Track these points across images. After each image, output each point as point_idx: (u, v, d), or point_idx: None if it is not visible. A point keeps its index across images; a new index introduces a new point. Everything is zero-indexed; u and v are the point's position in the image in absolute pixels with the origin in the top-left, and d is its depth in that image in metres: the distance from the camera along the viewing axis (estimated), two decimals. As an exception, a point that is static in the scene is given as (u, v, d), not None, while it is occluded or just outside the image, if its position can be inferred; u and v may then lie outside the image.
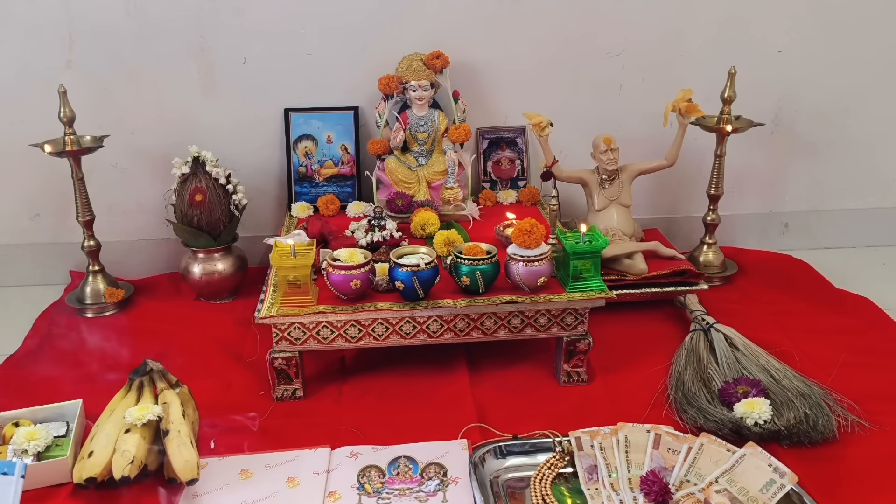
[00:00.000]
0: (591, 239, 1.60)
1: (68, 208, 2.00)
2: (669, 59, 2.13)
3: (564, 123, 1.99)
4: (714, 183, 2.07)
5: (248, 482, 1.37)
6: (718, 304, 1.92)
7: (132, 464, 1.32)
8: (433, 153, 2.06)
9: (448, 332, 1.60)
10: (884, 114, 2.23)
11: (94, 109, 2.02)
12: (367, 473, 1.39)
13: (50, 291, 2.10)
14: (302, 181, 2.11)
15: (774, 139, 2.23)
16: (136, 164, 2.11)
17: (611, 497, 1.31)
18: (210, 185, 1.94)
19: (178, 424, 1.38)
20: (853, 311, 1.92)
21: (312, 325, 1.56)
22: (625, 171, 1.97)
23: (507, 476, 1.38)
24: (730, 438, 1.40)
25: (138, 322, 1.94)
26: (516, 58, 2.10)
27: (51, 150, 1.87)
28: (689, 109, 1.89)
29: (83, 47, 2.01)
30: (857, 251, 2.32)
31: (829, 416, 1.47)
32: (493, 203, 2.09)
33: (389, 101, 2.03)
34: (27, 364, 1.76)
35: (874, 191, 2.32)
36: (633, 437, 1.39)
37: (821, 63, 2.17)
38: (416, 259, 1.55)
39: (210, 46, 2.04)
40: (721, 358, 1.64)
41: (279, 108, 2.09)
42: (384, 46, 2.04)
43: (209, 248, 1.98)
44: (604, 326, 1.80)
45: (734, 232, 2.29)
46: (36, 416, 1.46)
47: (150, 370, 1.50)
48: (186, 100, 2.07)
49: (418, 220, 1.86)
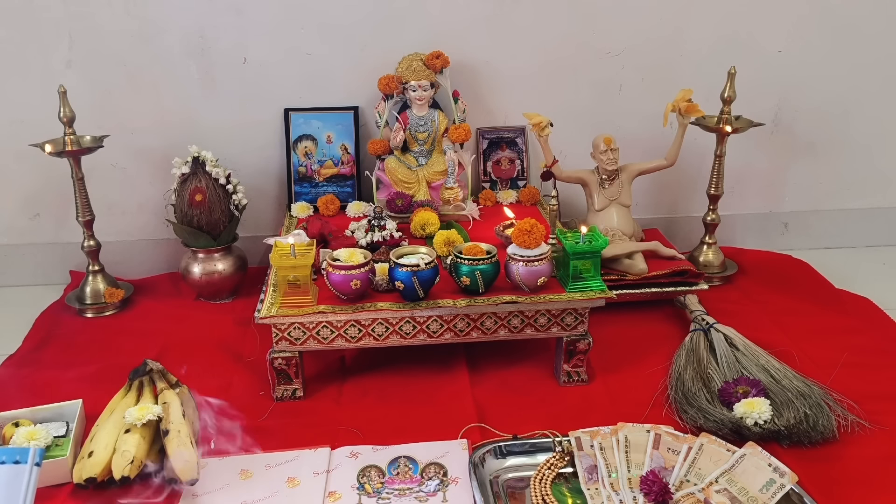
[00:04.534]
0: (591, 239, 1.60)
1: (68, 208, 2.00)
2: (669, 59, 2.13)
3: (564, 123, 1.99)
4: (714, 183, 2.07)
5: (248, 482, 1.37)
6: (718, 304, 1.92)
7: (132, 464, 1.32)
8: (433, 153, 2.06)
9: (448, 332, 1.60)
10: (883, 114, 2.23)
11: (94, 109, 2.02)
12: (367, 473, 1.39)
13: (50, 291, 2.10)
14: (302, 181, 2.11)
15: (774, 139, 2.23)
16: (136, 164, 2.11)
17: (611, 497, 1.31)
18: (210, 185, 1.94)
19: (178, 424, 1.38)
20: (853, 311, 1.92)
21: (312, 325, 1.56)
22: (625, 171, 1.97)
23: (507, 476, 1.38)
24: (730, 438, 1.40)
25: (138, 322, 1.94)
26: (516, 58, 2.10)
27: (51, 150, 1.87)
28: (689, 109, 1.89)
29: (83, 47, 2.01)
30: (857, 251, 2.32)
31: (829, 416, 1.47)
32: (493, 203, 2.09)
33: (389, 101, 2.03)
34: (27, 364, 1.76)
35: (874, 191, 2.32)
36: (633, 437, 1.39)
37: (821, 63, 2.17)
38: (416, 259, 1.55)
39: (210, 46, 2.04)
40: (721, 358, 1.64)
41: (279, 108, 2.09)
42: (384, 46, 2.04)
43: (209, 248, 1.98)
44: (604, 326, 1.80)
45: (734, 232, 2.29)
46: (36, 416, 1.46)
47: (150, 370, 1.51)
48: (186, 100, 2.07)
49: (418, 220, 1.86)
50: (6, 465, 1.15)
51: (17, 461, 1.15)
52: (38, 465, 1.16)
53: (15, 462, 1.15)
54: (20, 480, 1.14)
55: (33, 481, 1.15)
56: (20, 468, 1.15)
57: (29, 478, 1.15)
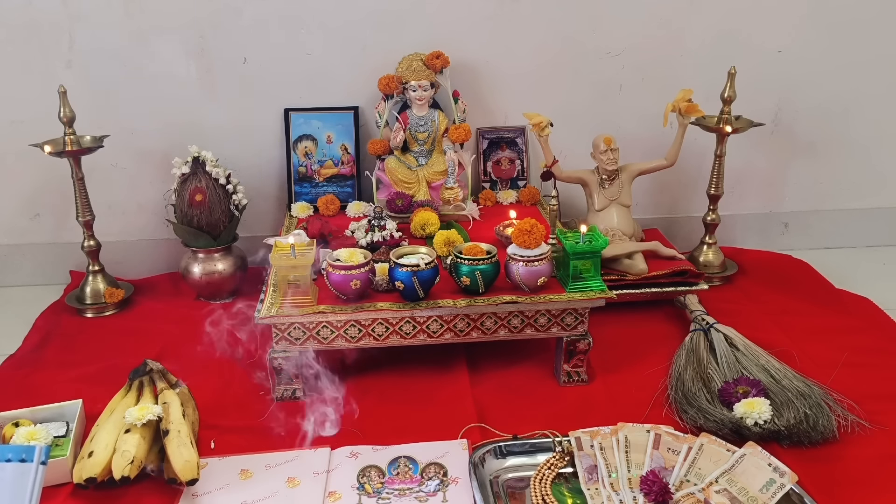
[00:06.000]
0: (591, 239, 1.60)
1: (68, 208, 2.00)
2: (669, 59, 2.13)
3: (564, 123, 1.99)
4: (714, 183, 2.07)
5: (248, 482, 1.37)
6: (718, 304, 1.92)
7: (132, 464, 1.32)
8: (433, 153, 2.06)
9: (448, 332, 1.60)
10: (883, 114, 2.23)
11: (94, 109, 2.02)
12: (367, 473, 1.39)
13: (50, 291, 2.10)
14: (302, 181, 2.11)
15: (774, 139, 2.23)
16: (136, 164, 2.11)
17: (611, 497, 1.31)
18: (210, 185, 1.94)
19: (178, 424, 1.38)
20: (853, 311, 1.92)
21: (312, 325, 1.56)
22: (625, 171, 1.97)
23: (507, 476, 1.38)
24: (730, 438, 1.40)
25: (138, 322, 1.94)
26: (516, 58, 2.10)
27: (51, 150, 1.87)
28: (689, 109, 1.89)
29: (83, 47, 2.01)
30: (857, 251, 2.32)
31: (829, 416, 1.47)
32: (493, 203, 2.09)
33: (389, 101, 2.03)
34: (27, 364, 1.76)
35: (874, 191, 2.32)
36: (633, 437, 1.39)
37: (820, 63, 2.17)
38: (416, 259, 1.55)
39: (210, 46, 2.04)
40: (721, 358, 1.64)
41: (279, 108, 2.09)
42: (384, 46, 2.04)
43: (209, 248, 1.98)
44: (604, 326, 1.80)
45: (734, 232, 2.29)
46: (36, 416, 1.45)
47: (150, 370, 1.51)
48: (186, 100, 2.07)
49: (418, 220, 1.86)
50: (12, 464, 1.14)
51: (24, 459, 1.15)
52: (43, 464, 1.16)
53: (21, 460, 1.15)
54: (26, 479, 1.14)
55: (39, 480, 1.15)
56: (26, 466, 1.15)
57: (35, 476, 1.15)
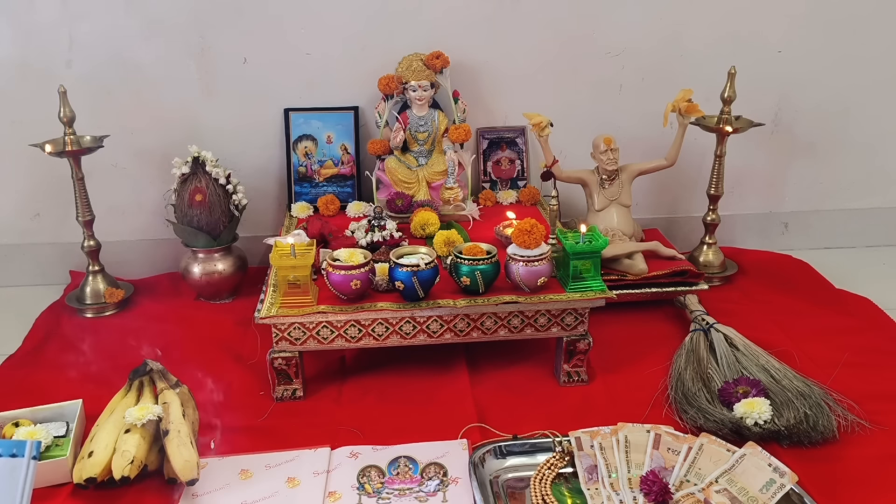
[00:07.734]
0: (591, 239, 1.60)
1: (68, 208, 2.00)
2: (669, 59, 2.13)
3: (564, 123, 1.99)
4: (714, 183, 2.07)
5: (248, 482, 1.37)
6: (718, 304, 1.92)
7: (132, 464, 1.32)
8: (433, 153, 2.06)
9: (448, 332, 1.60)
10: (884, 114, 2.23)
11: (94, 109, 2.02)
12: (367, 473, 1.39)
13: (50, 291, 2.10)
14: (302, 181, 2.11)
15: (774, 139, 2.23)
16: (136, 164, 2.11)
17: (611, 497, 1.31)
18: (210, 185, 1.94)
19: (178, 424, 1.38)
20: (853, 311, 1.92)
21: (312, 325, 1.56)
22: (625, 171, 1.97)
23: (507, 476, 1.38)
24: (730, 438, 1.40)
25: (138, 322, 1.94)
26: (516, 58, 2.10)
27: (51, 150, 1.87)
28: (689, 109, 1.89)
29: (83, 47, 2.01)
30: (857, 251, 2.32)
31: (829, 416, 1.47)
32: (493, 203, 2.09)
33: (389, 101, 2.03)
34: (27, 364, 1.76)
35: (874, 191, 2.32)
36: (633, 437, 1.39)
37: (820, 63, 2.17)
38: (416, 259, 1.55)
39: (210, 46, 2.04)
40: (721, 358, 1.64)
41: (279, 108, 2.09)
42: (384, 46, 2.04)
43: (209, 248, 1.98)
44: (604, 326, 1.80)
45: (734, 232, 2.29)
46: (36, 416, 1.46)
47: (150, 370, 1.51)
48: (186, 100, 2.07)
49: (418, 220, 1.86)
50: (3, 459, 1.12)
51: (14, 454, 1.13)
52: (35, 459, 1.13)
53: (12, 455, 1.13)
54: (18, 473, 1.12)
55: (31, 475, 1.13)
56: (17, 461, 1.12)
57: (27, 471, 1.12)
